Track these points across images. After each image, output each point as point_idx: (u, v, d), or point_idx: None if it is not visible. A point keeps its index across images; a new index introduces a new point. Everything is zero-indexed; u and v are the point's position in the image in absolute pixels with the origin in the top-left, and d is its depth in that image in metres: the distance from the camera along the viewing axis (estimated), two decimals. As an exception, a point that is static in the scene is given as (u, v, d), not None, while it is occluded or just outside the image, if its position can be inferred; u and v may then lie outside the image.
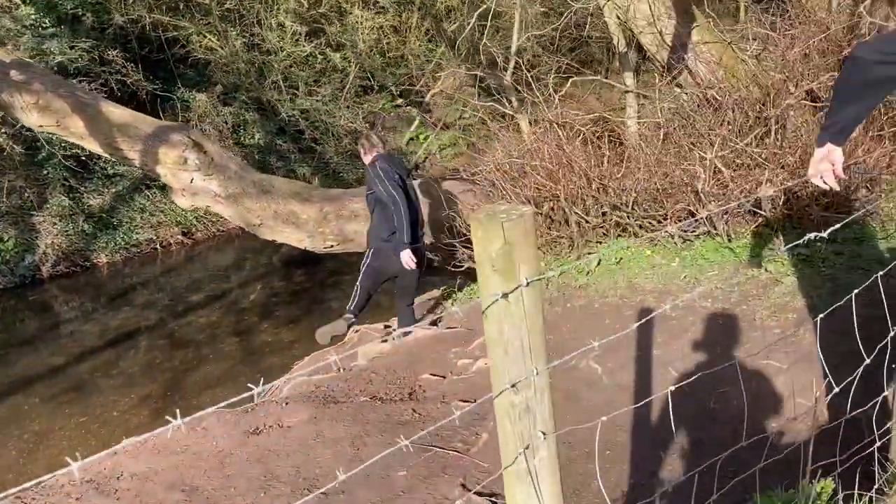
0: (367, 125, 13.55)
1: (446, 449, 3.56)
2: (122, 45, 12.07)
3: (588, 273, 5.27)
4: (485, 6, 6.97)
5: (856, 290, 1.93)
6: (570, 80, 6.37)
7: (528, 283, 1.08)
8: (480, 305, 3.86)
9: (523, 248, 1.07)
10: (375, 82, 13.76)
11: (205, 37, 12.58)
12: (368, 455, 3.54)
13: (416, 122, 13.90)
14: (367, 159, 5.45)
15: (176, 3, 12.30)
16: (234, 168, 6.60)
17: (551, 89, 6.25)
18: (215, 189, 6.47)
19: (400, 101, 14.20)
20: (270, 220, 6.72)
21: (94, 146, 6.36)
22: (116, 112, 6.36)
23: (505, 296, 1.08)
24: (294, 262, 10.89)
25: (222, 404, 1.60)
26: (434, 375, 4.43)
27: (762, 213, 4.98)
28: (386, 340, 5.71)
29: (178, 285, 10.92)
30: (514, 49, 7.11)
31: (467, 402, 3.97)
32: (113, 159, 7.63)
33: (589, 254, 5.54)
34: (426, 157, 13.91)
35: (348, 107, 13.32)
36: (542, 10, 10.64)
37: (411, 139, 14.06)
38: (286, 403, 4.22)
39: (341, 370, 5.15)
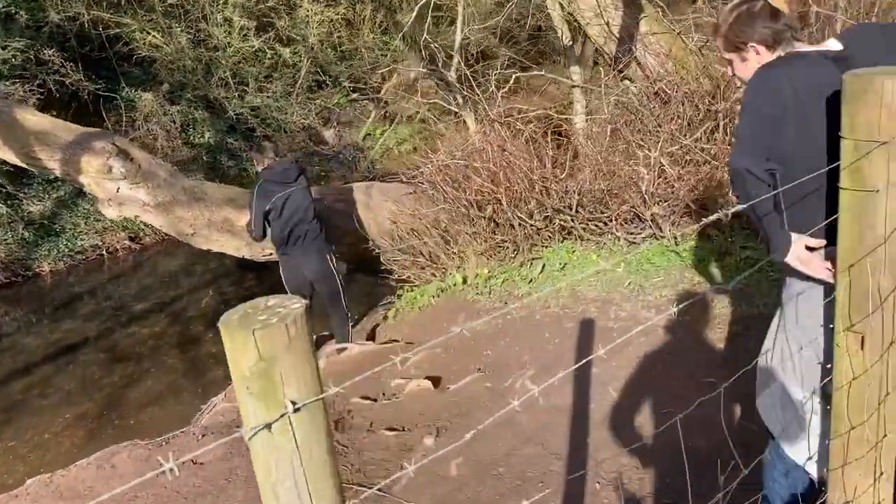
0: (320, 121, 13.19)
1: (367, 487, 3.30)
2: (60, 43, 11.56)
3: (531, 281, 5.02)
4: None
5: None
6: (514, 75, 6.10)
7: (297, 409, 0.81)
8: (422, 316, 3.57)
9: (288, 361, 0.80)
10: (328, 77, 13.38)
11: (148, 33, 12.12)
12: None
13: (372, 117, 13.56)
14: (259, 169, 5.62)
15: (117, -1, 11.83)
16: (164, 175, 6.25)
17: (493, 87, 5.97)
18: (143, 198, 6.12)
19: (355, 95, 13.83)
20: (204, 229, 6.39)
21: (9, 156, 5.97)
22: (33, 119, 5.97)
23: (268, 426, 0.81)
24: (246, 266, 10.49)
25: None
26: (364, 399, 4.16)
27: (709, 214, 4.75)
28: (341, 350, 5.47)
29: (124, 293, 10.51)
30: (457, 44, 6.82)
31: (395, 430, 3.71)
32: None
33: (533, 259, 5.29)
34: (384, 153, 13.57)
35: (301, 103, 12.93)
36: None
37: (368, 134, 13.71)
38: (202, 436, 3.92)
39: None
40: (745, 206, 1.93)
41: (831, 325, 1.94)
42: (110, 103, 12.13)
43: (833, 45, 1.91)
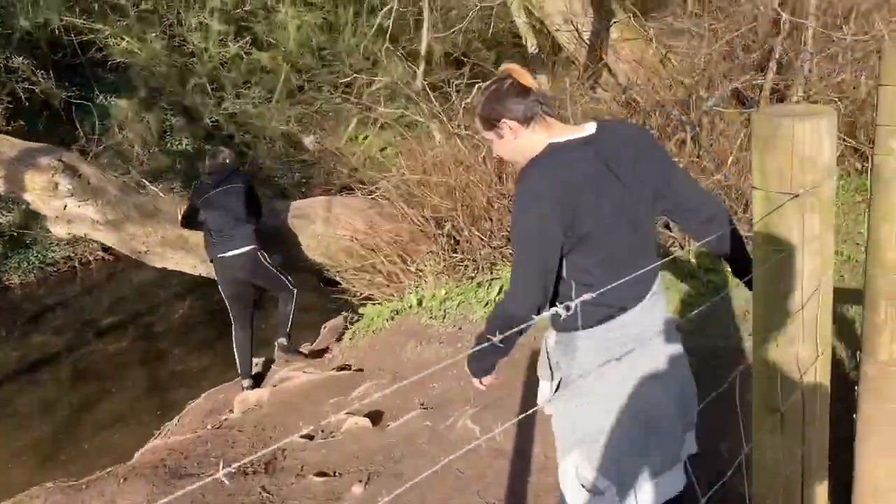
0: (300, 128, 12.95)
1: (285, 542, 3.05)
2: (31, 50, 11.32)
3: (487, 304, 4.77)
4: (389, 6, 6.41)
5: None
6: (477, 86, 5.84)
7: None
8: (375, 341, 3.29)
9: None
10: (308, 82, 13.13)
11: (122, 39, 11.87)
12: (191, 555, 3.01)
13: (353, 124, 13.29)
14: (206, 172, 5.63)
15: (89, 4, 11.57)
16: (114, 191, 5.99)
17: (454, 96, 5.73)
18: (93, 215, 5.87)
19: (336, 101, 13.56)
20: (158, 247, 6.14)
21: (-51, 174, 5.73)
22: (-26, 135, 5.74)
23: None
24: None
25: None
26: (301, 438, 3.91)
27: (671, 233, 4.51)
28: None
29: (95, 307, 10.28)
30: (423, 50, 6.58)
31: (325, 475, 3.46)
32: None
33: (492, 280, 5.05)
34: (366, 160, 13.29)
35: (280, 109, 12.68)
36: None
37: (349, 140, 13.44)
38: (124, 479, 3.68)
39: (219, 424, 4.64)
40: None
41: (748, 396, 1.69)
42: (83, 111, 11.88)
43: (589, 128, 1.87)
